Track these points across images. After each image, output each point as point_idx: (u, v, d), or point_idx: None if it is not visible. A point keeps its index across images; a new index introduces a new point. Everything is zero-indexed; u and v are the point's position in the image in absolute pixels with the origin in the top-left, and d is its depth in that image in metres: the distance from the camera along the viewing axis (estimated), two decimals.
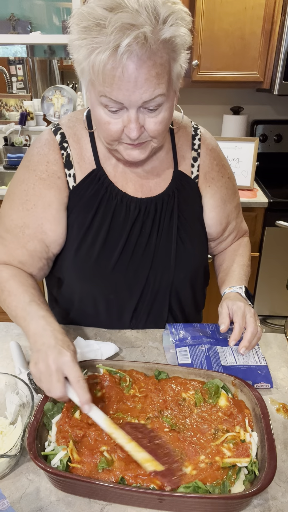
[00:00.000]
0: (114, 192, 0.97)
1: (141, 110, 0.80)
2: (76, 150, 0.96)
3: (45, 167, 0.95)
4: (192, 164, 1.03)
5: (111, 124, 0.82)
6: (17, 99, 2.92)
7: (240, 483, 0.65)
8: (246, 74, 2.22)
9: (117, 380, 0.82)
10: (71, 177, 0.96)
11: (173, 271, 1.02)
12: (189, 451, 0.69)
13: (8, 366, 0.94)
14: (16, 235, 0.96)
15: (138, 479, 0.64)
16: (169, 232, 1.00)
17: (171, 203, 1.00)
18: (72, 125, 0.98)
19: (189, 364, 0.91)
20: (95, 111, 0.83)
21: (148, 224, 0.99)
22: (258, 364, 0.91)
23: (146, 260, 1.00)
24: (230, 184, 1.09)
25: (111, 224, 0.97)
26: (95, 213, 0.96)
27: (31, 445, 0.66)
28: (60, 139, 0.96)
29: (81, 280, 1.00)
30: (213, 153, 1.06)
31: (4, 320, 1.06)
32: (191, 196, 1.04)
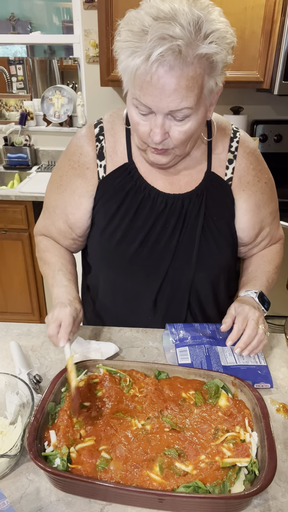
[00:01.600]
0: (142, 185, 1.01)
1: (169, 117, 0.82)
2: (111, 143, 1.01)
3: (77, 158, 1.03)
4: (227, 166, 1.02)
5: (140, 125, 0.86)
6: (17, 99, 2.92)
7: (240, 483, 0.65)
8: (246, 74, 2.21)
9: (117, 380, 0.82)
10: (101, 167, 1.01)
11: (193, 269, 1.03)
12: (189, 451, 0.69)
13: (8, 366, 0.94)
14: (50, 213, 1.10)
15: (135, 479, 0.64)
16: (194, 230, 1.01)
17: (198, 202, 1.01)
18: (112, 120, 1.03)
19: (189, 364, 0.91)
20: (129, 110, 0.88)
21: (173, 220, 1.01)
22: (258, 364, 0.91)
23: (167, 255, 1.02)
24: (266, 189, 1.08)
25: (136, 215, 1.00)
26: (121, 202, 1.01)
27: (31, 445, 0.66)
28: (98, 132, 1.02)
29: (103, 264, 1.08)
30: (250, 156, 1.04)
31: (4, 320, 1.06)
32: (222, 198, 1.03)
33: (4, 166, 2.87)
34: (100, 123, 1.03)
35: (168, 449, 0.68)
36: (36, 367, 0.95)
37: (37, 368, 0.94)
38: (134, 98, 0.82)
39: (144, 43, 0.75)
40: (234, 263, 1.12)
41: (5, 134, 2.84)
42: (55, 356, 0.98)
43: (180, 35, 0.73)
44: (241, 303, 0.97)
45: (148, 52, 0.74)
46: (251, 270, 1.12)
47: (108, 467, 0.66)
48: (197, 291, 1.07)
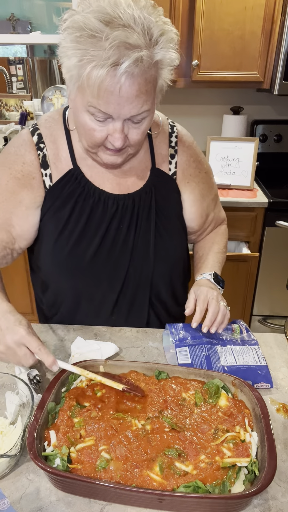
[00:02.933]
0: (91, 190, 1.00)
1: (126, 121, 0.83)
2: (53, 150, 0.99)
3: (20, 167, 0.98)
4: (169, 161, 1.06)
5: (96, 131, 0.85)
6: (17, 99, 2.92)
7: (240, 483, 0.65)
8: (246, 74, 2.21)
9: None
10: (47, 176, 0.99)
11: (152, 264, 1.05)
12: (190, 451, 0.69)
13: (8, 366, 0.94)
14: None
15: (135, 479, 0.64)
16: (147, 227, 1.03)
17: (148, 199, 1.03)
18: (49, 126, 1.00)
19: (189, 364, 0.91)
20: (80, 117, 0.85)
21: (126, 219, 1.02)
22: (258, 364, 0.91)
23: (125, 254, 1.03)
24: (207, 178, 1.14)
25: (88, 220, 1.00)
26: (71, 210, 0.99)
27: (31, 445, 0.66)
28: (37, 140, 0.98)
29: (59, 273, 1.04)
30: (189, 150, 1.08)
31: None
32: (169, 193, 1.07)
33: None
34: (37, 129, 0.99)
35: (168, 449, 0.68)
36: (36, 367, 0.95)
37: (37, 368, 0.94)
38: (90, 106, 0.80)
39: (101, 51, 0.73)
40: (187, 253, 1.17)
41: (5, 134, 2.84)
42: (55, 356, 0.98)
43: (139, 43, 0.74)
44: (199, 286, 1.04)
45: (111, 63, 0.73)
46: (201, 254, 1.19)
47: (108, 467, 0.66)
48: (157, 285, 1.09)
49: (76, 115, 0.87)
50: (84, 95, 0.80)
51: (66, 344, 1.02)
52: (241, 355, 0.93)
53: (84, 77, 0.77)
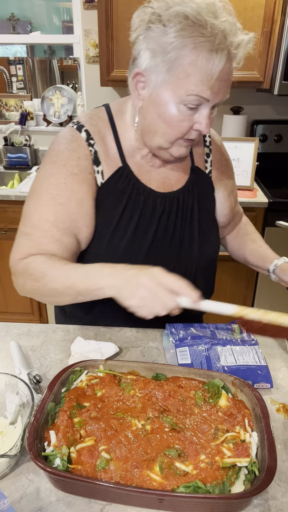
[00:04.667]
0: (141, 188, 1.00)
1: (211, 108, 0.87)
2: (102, 147, 0.97)
3: (76, 162, 0.94)
4: (205, 160, 1.10)
5: (184, 121, 0.86)
6: (17, 99, 2.92)
7: (240, 483, 0.65)
8: (246, 74, 2.21)
9: (117, 381, 0.82)
10: (99, 173, 0.97)
11: (196, 261, 1.06)
12: (190, 451, 0.69)
13: (8, 366, 0.94)
14: (47, 230, 0.92)
15: (135, 479, 0.64)
16: (192, 225, 1.05)
17: (191, 197, 1.06)
18: (96, 123, 0.98)
19: (189, 364, 0.91)
20: (166, 110, 0.86)
21: (172, 218, 1.03)
22: (258, 364, 0.91)
23: (173, 253, 1.04)
24: (233, 175, 1.20)
25: (140, 219, 1.00)
26: (123, 209, 0.99)
27: (31, 445, 0.66)
28: (86, 136, 0.96)
29: None
30: (221, 149, 1.15)
31: (4, 320, 1.06)
32: (207, 191, 1.10)
33: (4, 166, 2.87)
34: (82, 126, 0.96)
35: (168, 449, 0.68)
36: (36, 367, 0.95)
37: (37, 368, 0.94)
38: (189, 95, 0.82)
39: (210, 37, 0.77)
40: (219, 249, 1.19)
41: (5, 134, 2.84)
42: (55, 356, 0.98)
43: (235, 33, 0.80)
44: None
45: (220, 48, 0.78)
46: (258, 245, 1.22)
47: (108, 467, 0.66)
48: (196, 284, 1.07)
49: (159, 110, 0.86)
50: (183, 85, 0.82)
51: (66, 344, 1.02)
52: (241, 355, 0.93)
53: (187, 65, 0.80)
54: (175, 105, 0.84)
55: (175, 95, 0.83)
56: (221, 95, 0.84)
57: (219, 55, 0.78)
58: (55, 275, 0.87)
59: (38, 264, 0.90)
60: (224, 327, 1.04)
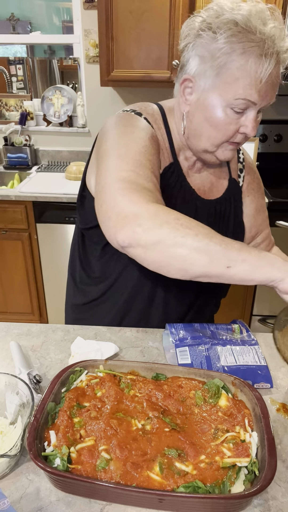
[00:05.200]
0: (186, 187, 1.02)
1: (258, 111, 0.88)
2: (160, 136, 0.98)
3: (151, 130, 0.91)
4: (239, 175, 1.13)
5: (231, 124, 0.88)
6: (17, 99, 2.92)
7: (240, 483, 0.65)
8: None
9: (117, 381, 0.82)
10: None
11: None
12: (190, 451, 0.69)
13: (8, 366, 0.94)
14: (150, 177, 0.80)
15: (135, 479, 0.64)
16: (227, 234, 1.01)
17: (228, 207, 1.09)
18: (151, 114, 0.97)
19: (189, 364, 0.91)
20: (214, 114, 0.87)
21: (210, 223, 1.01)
22: (258, 364, 0.91)
23: None
24: (263, 196, 1.20)
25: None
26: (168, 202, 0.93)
27: (31, 445, 0.66)
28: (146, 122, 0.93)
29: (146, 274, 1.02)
30: (253, 168, 1.17)
31: (4, 320, 1.06)
32: (240, 205, 1.13)
33: (4, 166, 2.87)
34: (140, 114, 0.93)
35: (168, 449, 0.68)
36: (36, 367, 0.95)
37: (37, 368, 0.94)
38: (237, 99, 0.84)
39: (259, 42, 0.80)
40: None
41: (5, 134, 2.84)
42: (55, 356, 0.98)
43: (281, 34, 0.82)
44: None
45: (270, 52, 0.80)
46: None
47: (108, 467, 0.66)
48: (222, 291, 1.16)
49: (206, 114, 0.88)
50: (230, 89, 0.84)
51: (66, 344, 1.02)
52: (241, 355, 0.93)
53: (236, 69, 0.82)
54: (223, 109, 0.86)
55: (222, 99, 0.85)
56: (268, 98, 0.86)
57: (268, 59, 0.80)
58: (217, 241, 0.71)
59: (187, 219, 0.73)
60: (224, 327, 1.04)
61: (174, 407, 0.77)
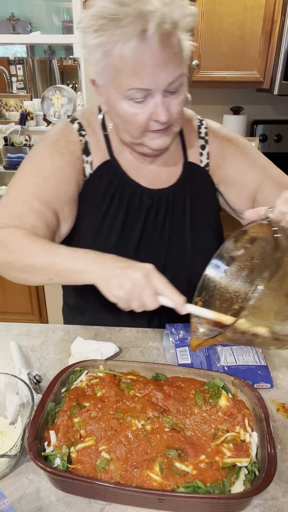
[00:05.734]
0: (127, 182, 1.00)
1: (164, 94, 0.83)
2: (93, 139, 0.99)
3: (64, 144, 0.95)
4: (200, 153, 1.05)
5: (138, 115, 0.84)
6: (17, 99, 2.92)
7: (240, 483, 0.65)
8: (246, 74, 2.22)
9: (117, 381, 0.82)
10: (88, 163, 0.98)
11: (190, 259, 1.03)
12: (190, 451, 0.69)
13: (8, 366, 0.94)
14: (28, 201, 0.89)
15: (135, 479, 0.64)
16: (183, 223, 1.02)
17: (183, 194, 1.03)
18: (87, 117, 1.01)
19: (189, 364, 0.91)
20: (118, 108, 0.85)
21: (161, 214, 1.01)
22: (258, 364, 0.91)
23: (162, 250, 1.02)
24: (246, 151, 1.06)
25: (127, 213, 0.99)
26: (110, 201, 0.98)
27: (31, 445, 0.66)
28: (78, 127, 0.99)
29: None
30: (220, 133, 1.07)
31: (4, 320, 1.06)
32: (203, 186, 1.06)
33: (4, 166, 2.87)
34: (76, 119, 0.99)
35: (168, 449, 0.68)
36: (36, 367, 0.95)
37: (37, 368, 0.94)
38: (128, 90, 0.80)
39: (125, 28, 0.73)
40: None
41: (5, 134, 2.84)
42: (55, 356, 0.98)
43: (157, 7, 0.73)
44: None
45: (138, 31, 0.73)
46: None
47: (108, 467, 0.66)
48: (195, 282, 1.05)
49: (114, 109, 0.87)
50: (119, 82, 0.81)
51: (66, 344, 1.02)
52: (241, 355, 0.93)
53: (115, 61, 0.78)
54: (123, 102, 0.83)
55: (118, 93, 0.83)
56: (162, 79, 0.79)
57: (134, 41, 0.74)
58: (36, 250, 0.81)
59: (18, 236, 0.84)
60: None
61: (174, 407, 0.77)
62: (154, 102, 0.82)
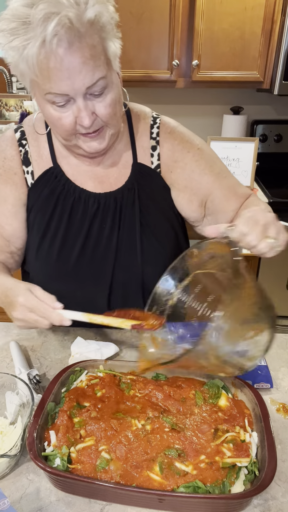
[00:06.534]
0: (71, 188, 0.98)
1: (88, 97, 0.80)
2: (35, 147, 0.98)
3: (1, 163, 0.97)
4: (151, 154, 1.00)
5: (62, 118, 0.82)
6: (17, 99, 2.92)
7: (240, 483, 0.65)
8: (246, 74, 2.21)
9: (117, 381, 0.82)
10: (29, 174, 0.98)
11: (140, 267, 0.99)
12: (190, 451, 0.69)
13: (8, 366, 0.94)
14: None
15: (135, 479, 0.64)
16: (132, 226, 0.99)
17: (131, 196, 0.99)
18: (34, 123, 1.00)
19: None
20: (44, 111, 0.84)
21: (109, 219, 0.98)
22: (258, 364, 0.91)
23: (109, 255, 0.99)
24: (200, 156, 1.02)
25: (69, 221, 0.98)
26: (52, 211, 0.97)
27: (31, 445, 0.66)
28: (20, 136, 0.99)
29: (46, 279, 0.99)
30: (172, 134, 1.01)
31: (4, 320, 1.06)
32: (154, 188, 1.01)
33: None
34: (20, 127, 1.00)
35: (168, 449, 0.68)
36: (36, 367, 0.95)
37: (37, 368, 0.94)
38: (47, 94, 0.78)
39: (32, 32, 0.70)
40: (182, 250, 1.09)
41: None
42: (55, 356, 0.98)
43: (64, 7, 0.69)
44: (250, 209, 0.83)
45: (41, 36, 0.70)
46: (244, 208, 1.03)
47: (108, 467, 0.66)
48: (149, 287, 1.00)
49: (42, 111, 0.86)
50: (38, 86, 0.79)
51: (66, 344, 1.02)
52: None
53: (30, 66, 0.74)
54: (48, 105, 0.82)
55: (40, 97, 0.82)
56: (79, 83, 0.75)
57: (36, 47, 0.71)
58: None
59: None
60: None
61: (174, 407, 0.77)
62: (76, 106, 0.80)
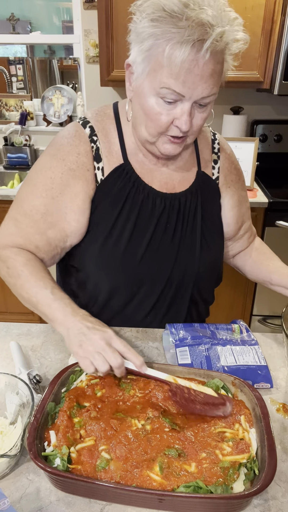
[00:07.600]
0: (141, 186, 1.00)
1: (194, 105, 0.84)
2: (105, 144, 0.98)
3: (75, 158, 0.96)
4: (213, 166, 1.09)
5: (162, 115, 0.84)
6: (17, 99, 2.92)
7: (240, 482, 0.65)
8: (246, 74, 2.21)
9: (117, 381, 0.82)
10: (99, 170, 0.98)
11: (197, 265, 1.04)
12: (190, 450, 0.69)
13: (8, 366, 0.94)
14: (36, 221, 0.96)
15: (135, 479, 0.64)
16: (193, 229, 1.04)
17: (194, 200, 1.04)
18: (101, 119, 1.00)
19: (189, 364, 0.91)
20: (145, 102, 0.85)
21: (173, 219, 1.02)
22: (258, 364, 0.91)
23: (171, 254, 1.03)
24: (244, 187, 1.17)
25: (138, 218, 0.99)
26: (122, 207, 0.98)
27: (31, 445, 0.66)
28: (90, 132, 0.98)
29: (107, 274, 1.01)
30: (231, 157, 1.13)
31: (4, 320, 1.06)
32: (212, 196, 1.09)
33: (4, 166, 2.86)
34: (88, 122, 0.98)
35: (168, 449, 0.68)
36: (36, 367, 0.95)
37: (37, 368, 0.94)
38: (163, 87, 0.80)
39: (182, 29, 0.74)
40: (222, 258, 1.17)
41: (5, 134, 2.84)
42: (55, 356, 0.98)
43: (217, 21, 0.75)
44: None
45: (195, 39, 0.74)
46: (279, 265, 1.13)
47: (108, 467, 0.66)
48: (198, 286, 1.09)
49: (141, 101, 0.86)
50: (157, 77, 0.80)
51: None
52: (241, 355, 0.93)
53: (161, 57, 0.78)
54: (153, 97, 0.84)
55: (151, 87, 0.83)
56: (199, 91, 0.80)
57: (189, 47, 0.75)
58: (28, 286, 0.92)
59: (18, 264, 0.94)
60: (224, 327, 1.04)
61: (174, 407, 0.77)
62: (181, 109, 0.83)
